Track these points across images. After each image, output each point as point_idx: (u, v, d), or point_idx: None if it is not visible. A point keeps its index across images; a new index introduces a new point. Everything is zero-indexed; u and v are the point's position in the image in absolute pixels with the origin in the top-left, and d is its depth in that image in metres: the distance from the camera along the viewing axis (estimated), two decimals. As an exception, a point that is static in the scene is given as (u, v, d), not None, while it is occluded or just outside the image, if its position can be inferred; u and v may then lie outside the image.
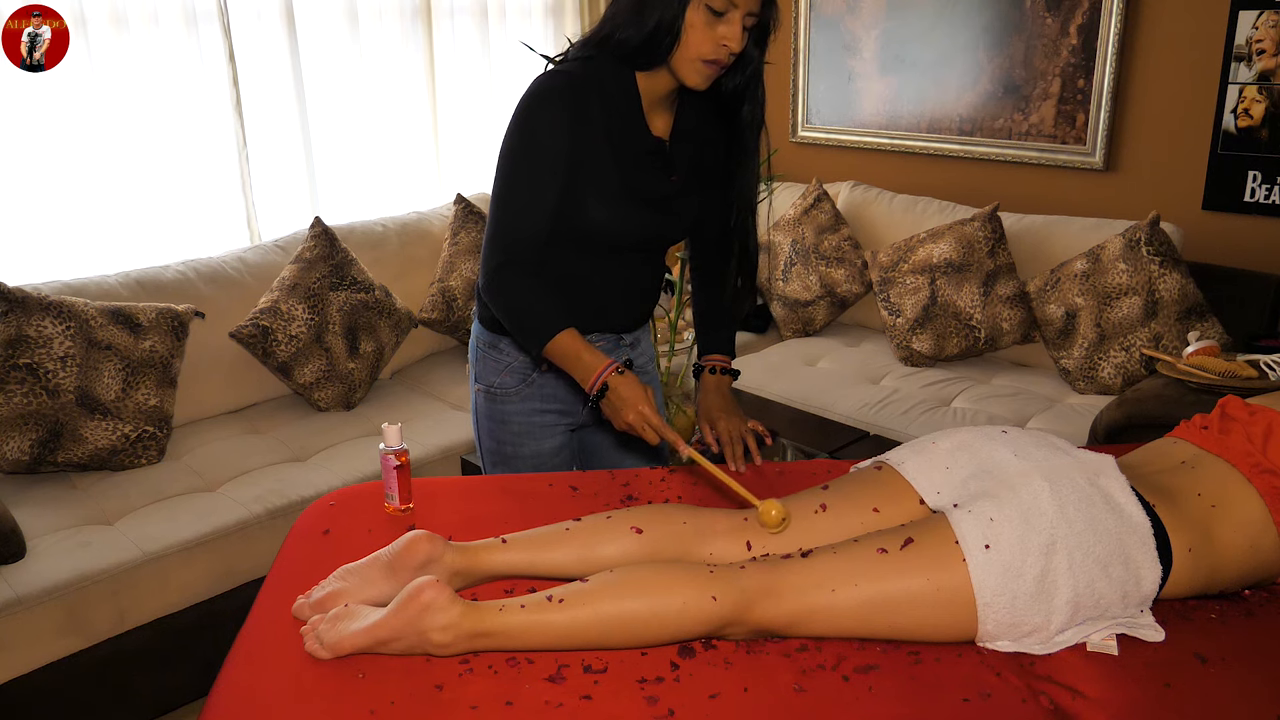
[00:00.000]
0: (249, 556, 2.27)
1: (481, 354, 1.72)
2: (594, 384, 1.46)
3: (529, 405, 1.71)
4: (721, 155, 1.65)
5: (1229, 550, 1.28)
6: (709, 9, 1.41)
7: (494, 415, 1.73)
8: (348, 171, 3.35)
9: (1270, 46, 2.67)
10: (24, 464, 2.34)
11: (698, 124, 1.63)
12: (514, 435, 1.73)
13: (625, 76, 1.52)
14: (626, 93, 1.53)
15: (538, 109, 1.49)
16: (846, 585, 1.21)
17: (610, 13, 1.50)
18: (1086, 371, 2.78)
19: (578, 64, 1.53)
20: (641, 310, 1.75)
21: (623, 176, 1.54)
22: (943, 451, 1.39)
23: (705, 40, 1.43)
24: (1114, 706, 1.13)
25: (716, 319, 1.81)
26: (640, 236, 1.63)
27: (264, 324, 2.74)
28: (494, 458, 1.77)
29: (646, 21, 1.43)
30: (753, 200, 1.67)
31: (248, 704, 1.14)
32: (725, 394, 1.75)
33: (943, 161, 3.45)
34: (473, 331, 1.75)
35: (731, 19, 1.42)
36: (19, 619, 1.97)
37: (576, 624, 1.19)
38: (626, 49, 1.47)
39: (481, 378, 1.73)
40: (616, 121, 1.53)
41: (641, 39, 1.45)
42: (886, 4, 3.44)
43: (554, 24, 3.79)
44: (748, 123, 1.59)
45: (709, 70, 1.46)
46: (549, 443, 1.74)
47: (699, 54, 1.44)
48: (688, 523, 1.36)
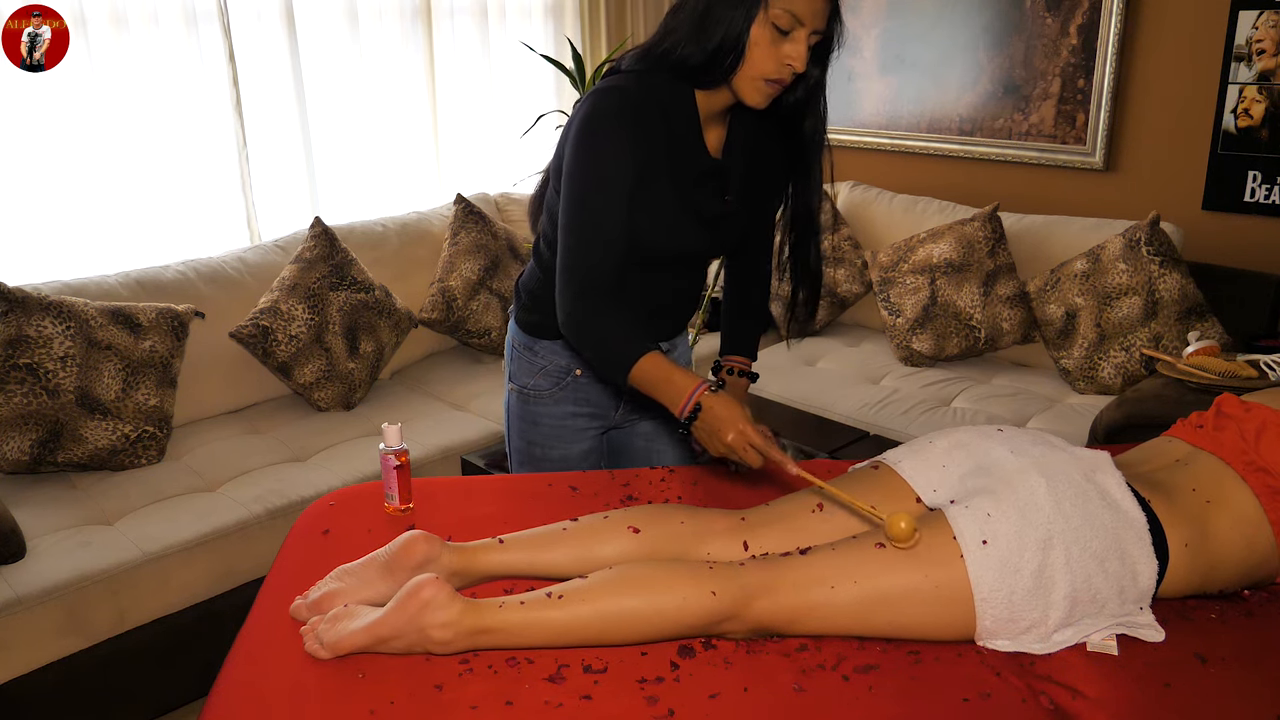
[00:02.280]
0: (249, 556, 2.27)
1: (517, 354, 1.71)
2: (685, 406, 1.35)
3: (562, 408, 1.70)
4: (774, 170, 1.61)
5: (1225, 546, 1.28)
6: (774, 27, 1.35)
7: (526, 416, 1.72)
8: (348, 171, 3.35)
9: (1270, 46, 2.67)
10: (24, 464, 2.34)
11: (750, 139, 1.59)
12: (544, 437, 1.72)
13: (684, 94, 1.46)
14: (686, 111, 1.47)
15: (600, 130, 1.41)
16: (845, 582, 1.22)
17: (669, 26, 1.44)
18: (1086, 371, 2.78)
19: (633, 78, 1.45)
20: (684, 317, 1.74)
21: (679, 195, 1.50)
22: (939, 450, 1.39)
23: (769, 59, 1.37)
24: (1114, 706, 1.13)
25: (745, 316, 1.78)
26: (691, 252, 1.61)
27: (264, 324, 2.74)
28: (522, 457, 1.76)
29: (709, 39, 1.37)
30: (815, 217, 1.60)
31: (248, 704, 1.14)
32: (742, 395, 1.74)
33: (943, 161, 3.45)
34: (509, 331, 1.74)
35: (797, 37, 1.36)
36: (19, 619, 1.97)
37: (576, 620, 1.19)
38: (687, 67, 1.41)
39: (515, 378, 1.72)
40: (675, 141, 1.47)
41: (704, 57, 1.39)
42: (886, 4, 3.44)
43: (554, 24, 3.79)
44: (809, 138, 1.53)
45: (771, 90, 1.41)
46: (579, 446, 1.73)
47: (762, 73, 1.38)
48: (685, 523, 1.37)
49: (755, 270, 1.76)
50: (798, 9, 1.34)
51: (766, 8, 1.34)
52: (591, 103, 1.43)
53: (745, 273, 1.77)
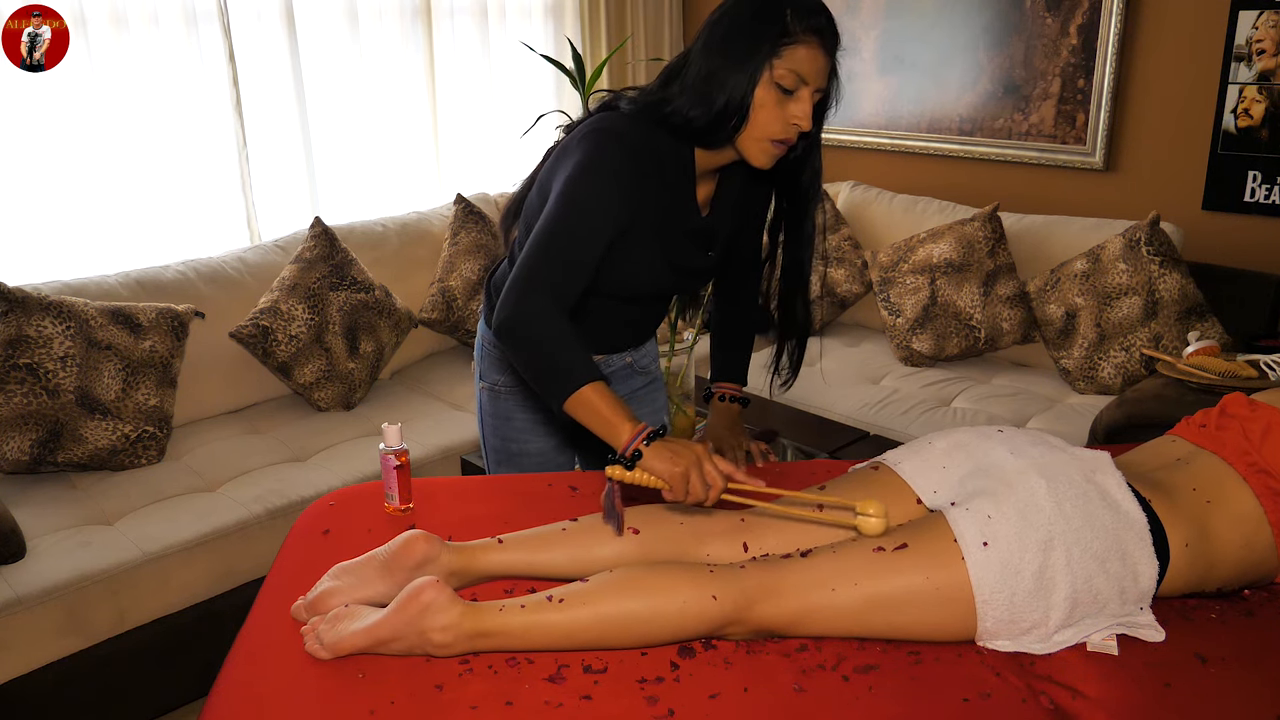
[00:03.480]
0: (249, 556, 2.27)
1: (487, 352, 1.72)
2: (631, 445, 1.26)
3: (535, 402, 1.71)
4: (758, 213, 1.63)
5: (1225, 546, 1.28)
6: (779, 87, 1.34)
7: (499, 413, 1.73)
8: (348, 171, 3.35)
9: (1270, 46, 2.67)
10: (24, 464, 2.34)
11: (740, 195, 1.59)
12: (519, 432, 1.73)
13: (684, 154, 1.45)
14: (682, 168, 1.47)
15: (597, 178, 1.37)
16: (846, 584, 1.22)
17: (669, 89, 1.41)
18: (1086, 371, 2.78)
19: (633, 125, 1.42)
20: (650, 329, 1.77)
21: (664, 249, 1.51)
22: (939, 451, 1.39)
23: (775, 120, 1.36)
24: (1114, 706, 1.13)
25: (734, 342, 1.79)
26: (665, 294, 1.65)
27: (264, 324, 2.74)
28: (498, 455, 1.76)
29: (714, 101, 1.35)
30: (806, 271, 1.60)
31: (248, 704, 1.14)
32: (734, 421, 1.75)
33: (943, 161, 3.45)
34: (478, 330, 1.75)
35: (802, 96, 1.35)
36: (19, 619, 1.97)
37: (577, 624, 1.19)
38: (690, 129, 1.39)
39: (486, 375, 1.72)
40: (667, 196, 1.47)
41: (708, 120, 1.37)
42: (886, 4, 3.44)
43: (554, 24, 3.79)
44: (805, 192, 1.53)
45: (777, 150, 1.40)
46: (554, 439, 1.75)
47: (768, 134, 1.37)
48: (684, 524, 1.36)
49: (743, 306, 1.78)
50: (802, 69, 1.34)
51: (772, 69, 1.33)
52: (592, 147, 1.38)
53: (733, 308, 1.79)
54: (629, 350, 1.75)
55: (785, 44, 1.33)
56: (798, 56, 1.34)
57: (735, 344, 1.79)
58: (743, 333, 1.79)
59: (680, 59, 1.43)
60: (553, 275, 1.34)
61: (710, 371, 1.81)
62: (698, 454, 1.25)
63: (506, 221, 1.62)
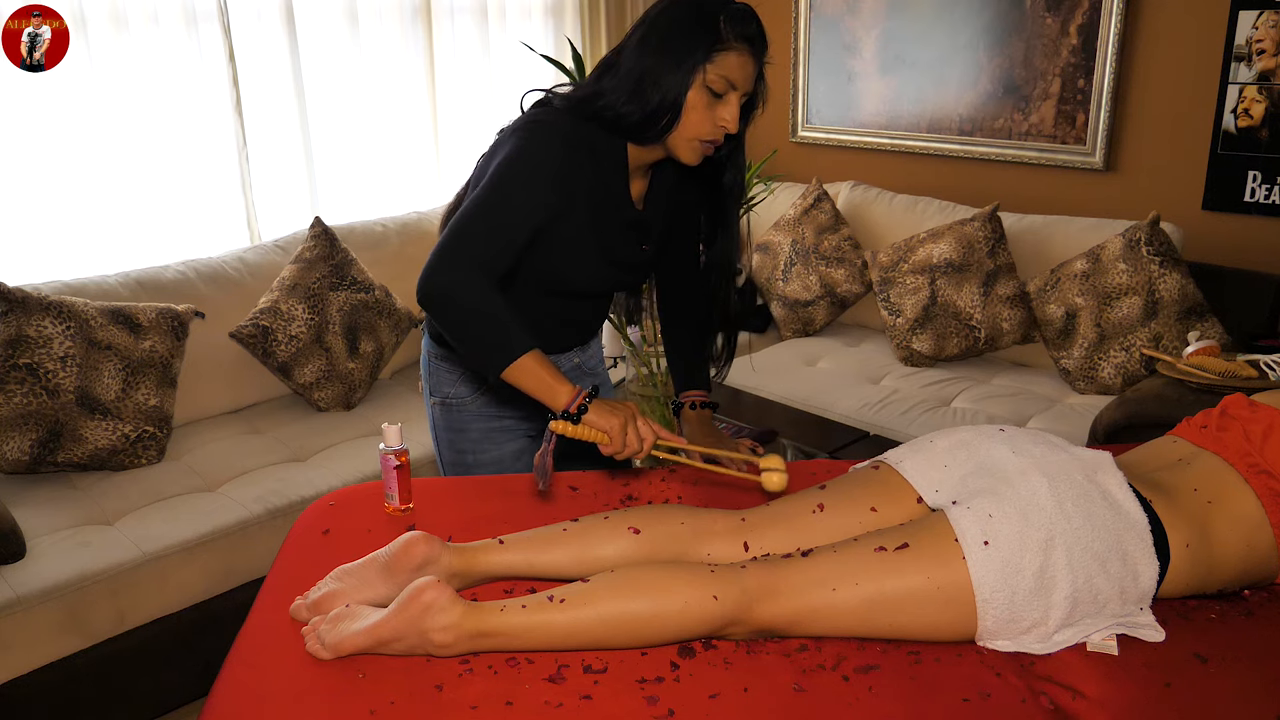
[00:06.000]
0: (249, 556, 2.27)
1: (434, 367, 1.72)
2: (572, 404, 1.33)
3: (487, 411, 1.71)
4: (692, 219, 1.68)
5: (1225, 547, 1.28)
6: (710, 90, 1.40)
7: (452, 426, 1.73)
8: (348, 171, 3.34)
9: (1270, 46, 2.67)
10: (24, 464, 2.34)
11: (671, 188, 1.64)
12: (473, 443, 1.73)
13: (617, 148, 1.50)
14: (616, 164, 1.51)
15: (529, 168, 1.41)
16: (847, 584, 1.22)
17: (602, 85, 1.45)
18: (1086, 371, 2.78)
19: (567, 119, 1.46)
20: (594, 327, 1.79)
21: (599, 242, 1.54)
22: (941, 450, 1.39)
23: (705, 121, 1.42)
24: (1114, 706, 1.13)
25: (688, 348, 1.80)
26: (603, 290, 1.68)
27: (264, 324, 2.74)
28: (455, 469, 1.76)
29: (648, 100, 1.41)
30: (733, 266, 1.68)
31: (248, 704, 1.14)
32: (709, 425, 1.76)
33: (943, 161, 3.45)
34: (423, 347, 1.75)
35: (730, 100, 1.42)
36: (19, 619, 1.97)
37: (578, 624, 1.19)
38: (623, 125, 1.45)
39: (436, 390, 1.72)
40: (600, 191, 1.51)
41: (641, 117, 1.43)
42: (886, 4, 3.44)
43: (554, 24, 3.79)
44: (729, 190, 1.61)
45: (705, 150, 1.47)
46: (511, 446, 1.74)
47: (698, 134, 1.44)
48: (685, 523, 1.37)
49: (689, 310, 1.78)
50: (733, 74, 1.40)
51: (704, 73, 1.40)
52: (525, 136, 1.43)
53: (680, 313, 1.80)
54: (575, 350, 1.76)
55: (718, 50, 1.39)
56: (729, 63, 1.40)
57: (690, 349, 1.80)
58: (695, 337, 1.79)
59: (612, 55, 1.47)
60: (477, 248, 1.36)
61: (674, 385, 1.82)
62: (632, 410, 1.36)
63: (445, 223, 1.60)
